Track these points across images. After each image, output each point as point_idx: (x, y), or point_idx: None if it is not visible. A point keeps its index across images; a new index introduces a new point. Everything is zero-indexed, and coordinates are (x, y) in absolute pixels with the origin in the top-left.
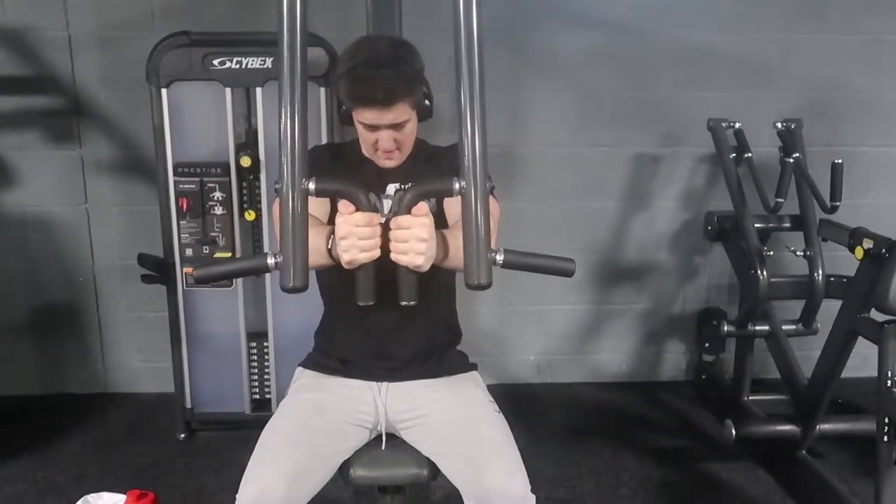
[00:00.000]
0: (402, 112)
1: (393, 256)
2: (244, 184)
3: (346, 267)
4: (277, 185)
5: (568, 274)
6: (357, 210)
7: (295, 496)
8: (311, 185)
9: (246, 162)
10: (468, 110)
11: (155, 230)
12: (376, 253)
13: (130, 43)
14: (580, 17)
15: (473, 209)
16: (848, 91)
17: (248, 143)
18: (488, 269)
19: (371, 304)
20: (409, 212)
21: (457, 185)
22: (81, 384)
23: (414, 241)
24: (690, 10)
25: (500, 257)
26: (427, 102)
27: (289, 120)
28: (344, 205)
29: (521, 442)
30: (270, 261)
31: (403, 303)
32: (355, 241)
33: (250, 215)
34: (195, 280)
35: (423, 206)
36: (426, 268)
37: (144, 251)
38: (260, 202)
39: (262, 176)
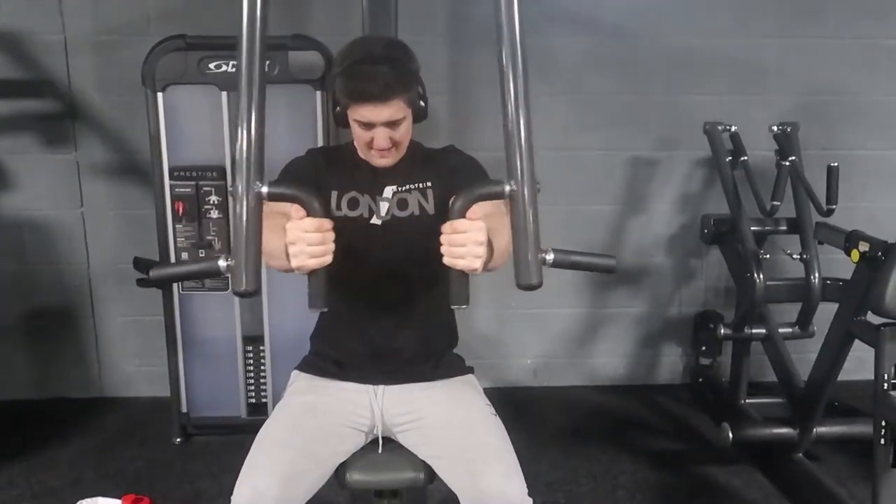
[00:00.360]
0: (398, 109)
1: (448, 261)
2: None
3: (297, 273)
4: (231, 189)
5: (611, 270)
6: (308, 215)
7: (289, 498)
8: (265, 189)
9: None
10: (515, 113)
11: (151, 234)
12: (327, 259)
13: (126, 46)
14: (577, 21)
15: (523, 210)
16: (844, 94)
17: None
18: (539, 270)
19: (325, 310)
20: (463, 216)
21: (507, 188)
22: (77, 388)
23: (472, 245)
24: (687, 13)
25: (549, 257)
26: (422, 103)
27: (245, 123)
28: (296, 209)
29: (518, 445)
30: (222, 263)
31: (454, 306)
32: (304, 248)
33: None
34: (151, 280)
35: (476, 210)
36: (480, 270)
37: (140, 255)
38: None
39: None
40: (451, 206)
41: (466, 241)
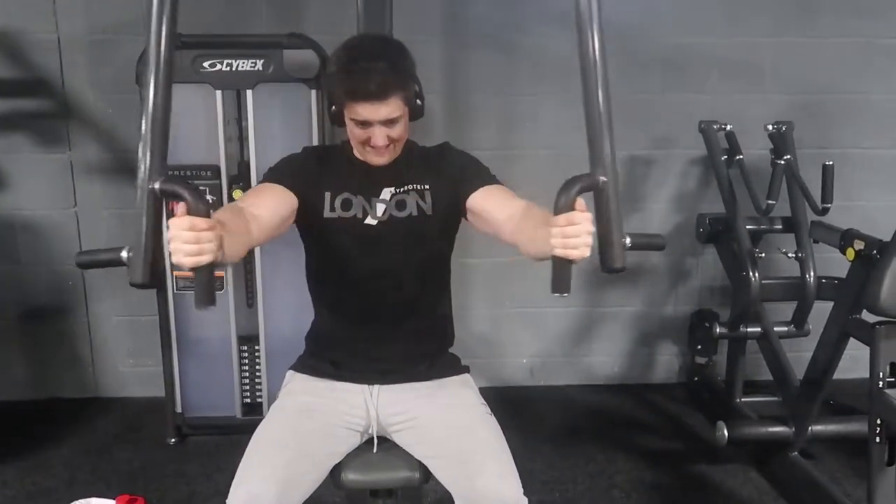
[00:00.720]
0: (396, 107)
1: (561, 252)
2: None
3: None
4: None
5: (662, 248)
6: (189, 213)
7: (286, 501)
8: (157, 185)
9: (238, 195)
10: (599, 107)
11: None
12: (202, 259)
13: (120, 45)
14: (570, 20)
15: (610, 199)
16: (839, 93)
17: (240, 175)
18: (623, 254)
19: (212, 306)
20: (573, 208)
21: (601, 179)
22: (71, 389)
23: (584, 235)
24: (682, 12)
25: (627, 241)
26: (418, 101)
27: (149, 119)
28: (181, 206)
29: (514, 444)
30: (123, 255)
31: (557, 294)
32: (180, 245)
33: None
34: (76, 265)
35: (582, 202)
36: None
37: None
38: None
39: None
40: (558, 200)
41: (580, 233)
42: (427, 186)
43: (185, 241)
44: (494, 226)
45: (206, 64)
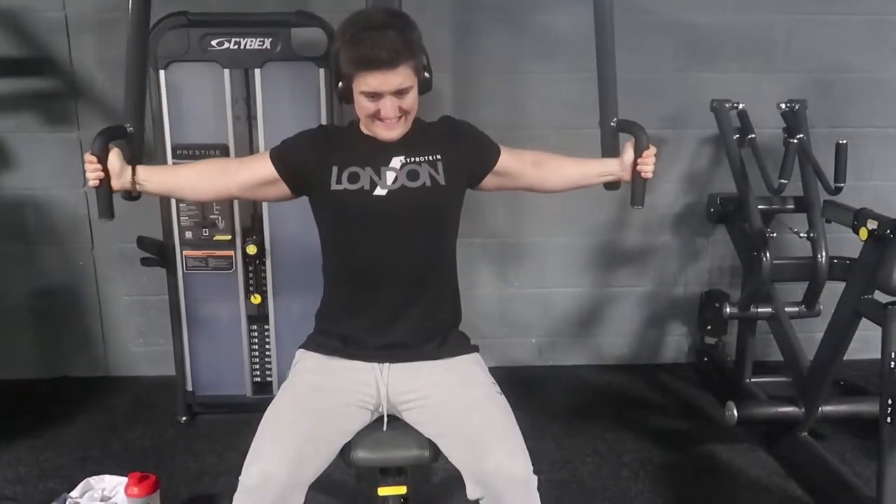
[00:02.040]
0: (406, 77)
1: (646, 175)
2: (250, 268)
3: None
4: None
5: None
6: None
7: (297, 478)
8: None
9: (252, 250)
10: (606, 80)
11: (154, 213)
12: (90, 183)
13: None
14: None
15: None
16: (852, 72)
17: (253, 228)
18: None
19: (110, 219)
20: (649, 147)
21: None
22: (82, 368)
23: (654, 165)
24: None
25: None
26: (426, 74)
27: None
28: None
29: (523, 424)
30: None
31: (636, 206)
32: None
33: (256, 299)
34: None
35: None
36: None
37: (144, 234)
38: (266, 285)
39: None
40: (640, 142)
41: (653, 162)
42: (439, 157)
43: (87, 170)
44: (515, 178)
45: (213, 42)
